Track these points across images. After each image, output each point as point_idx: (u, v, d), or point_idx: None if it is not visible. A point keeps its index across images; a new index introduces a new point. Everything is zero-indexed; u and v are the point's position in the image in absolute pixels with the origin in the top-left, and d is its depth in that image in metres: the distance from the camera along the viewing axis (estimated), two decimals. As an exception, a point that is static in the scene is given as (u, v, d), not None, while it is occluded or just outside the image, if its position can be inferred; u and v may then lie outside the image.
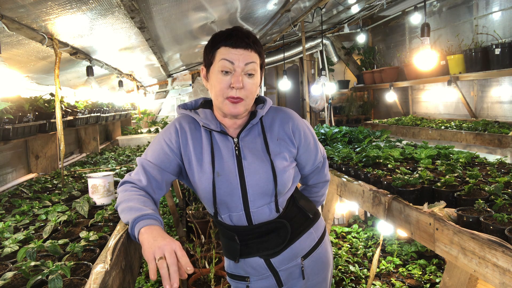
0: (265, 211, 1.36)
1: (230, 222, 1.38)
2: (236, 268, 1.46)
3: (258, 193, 1.33)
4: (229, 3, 3.25)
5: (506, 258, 1.12)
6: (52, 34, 2.26)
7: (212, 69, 1.31)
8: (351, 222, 4.62)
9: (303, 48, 5.71)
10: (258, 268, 1.41)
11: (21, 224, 1.62)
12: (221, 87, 1.28)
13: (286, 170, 1.36)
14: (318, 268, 1.49)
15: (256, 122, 1.39)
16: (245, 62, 1.27)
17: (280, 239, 1.39)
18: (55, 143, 2.98)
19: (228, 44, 1.27)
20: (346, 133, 3.27)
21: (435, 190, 1.67)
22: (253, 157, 1.34)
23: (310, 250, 1.46)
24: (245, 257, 1.41)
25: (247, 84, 1.28)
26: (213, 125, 1.35)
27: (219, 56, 1.28)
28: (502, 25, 4.35)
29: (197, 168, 1.34)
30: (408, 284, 2.96)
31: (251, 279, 1.43)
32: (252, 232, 1.37)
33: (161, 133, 1.40)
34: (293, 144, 1.41)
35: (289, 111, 1.45)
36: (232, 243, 1.41)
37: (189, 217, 3.80)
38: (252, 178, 1.32)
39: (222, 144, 1.36)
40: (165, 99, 7.62)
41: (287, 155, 1.39)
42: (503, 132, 3.57)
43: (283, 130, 1.40)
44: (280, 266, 1.41)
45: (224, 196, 1.33)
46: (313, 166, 1.53)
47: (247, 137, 1.37)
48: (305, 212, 1.48)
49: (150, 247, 1.06)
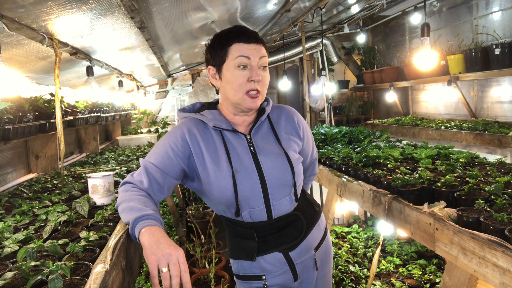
0: (285, 203, 1.40)
1: (249, 219, 1.38)
2: (251, 268, 1.42)
3: (278, 185, 1.37)
4: (229, 3, 3.25)
5: (506, 258, 1.12)
6: (52, 34, 2.27)
7: (226, 66, 1.33)
8: (351, 222, 4.62)
9: (303, 48, 5.71)
10: (276, 263, 1.41)
11: (21, 224, 1.62)
12: (240, 82, 1.32)
13: (298, 162, 1.44)
14: (327, 258, 1.55)
15: (265, 119, 1.45)
16: (259, 56, 1.33)
17: (297, 232, 1.42)
18: (55, 143, 2.98)
19: (242, 40, 1.32)
20: (346, 133, 3.27)
21: (435, 190, 1.67)
22: (268, 151, 1.39)
23: (320, 241, 1.51)
24: (263, 254, 1.40)
25: (263, 77, 1.35)
26: (224, 124, 1.38)
27: (234, 53, 1.31)
28: (502, 25, 4.35)
29: (213, 168, 1.34)
30: (408, 284, 2.96)
31: (267, 277, 1.41)
32: (271, 227, 1.39)
33: (166, 137, 1.39)
34: (300, 137, 1.50)
35: (290, 108, 1.56)
36: (249, 241, 1.39)
37: (189, 217, 3.80)
38: (271, 172, 1.36)
39: (235, 142, 1.38)
40: (165, 99, 7.62)
41: (296, 148, 1.47)
42: (503, 132, 3.57)
43: (290, 125, 1.48)
44: (297, 259, 1.43)
45: (245, 192, 1.34)
46: (311, 159, 1.64)
47: (259, 133, 1.43)
48: (312, 204, 1.54)
49: (153, 253, 1.07)
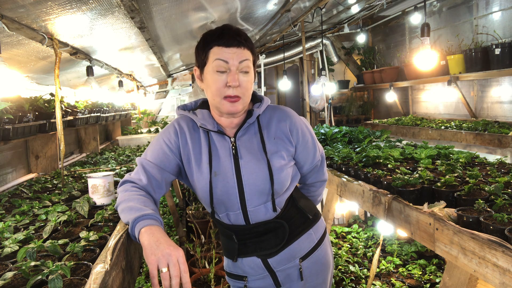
0: (262, 210, 1.36)
1: (228, 221, 1.39)
2: (234, 267, 1.46)
3: (254, 192, 1.33)
4: (229, 3, 3.25)
5: (506, 258, 1.12)
6: (52, 34, 2.26)
7: (206, 69, 1.30)
8: (351, 222, 4.62)
9: (303, 48, 5.71)
10: (255, 267, 1.41)
11: (21, 224, 1.62)
12: (217, 86, 1.27)
13: (283, 169, 1.36)
14: (317, 269, 1.47)
15: (253, 121, 1.38)
16: (239, 60, 1.27)
17: (278, 239, 1.39)
18: (55, 143, 2.98)
19: (221, 43, 1.26)
20: (346, 133, 3.27)
21: (435, 190, 1.67)
22: (249, 156, 1.34)
23: (309, 251, 1.45)
24: (242, 257, 1.42)
25: (242, 82, 1.29)
26: (210, 125, 1.35)
27: (213, 56, 1.27)
28: (502, 25, 4.35)
29: (195, 168, 1.35)
30: (408, 284, 2.96)
31: (248, 279, 1.44)
32: (249, 232, 1.38)
33: (160, 134, 1.41)
34: (291, 142, 1.40)
35: (286, 110, 1.45)
36: (231, 242, 1.42)
37: (189, 217, 3.80)
38: (249, 177, 1.33)
39: (220, 143, 1.36)
40: (165, 99, 7.62)
41: (285, 154, 1.38)
42: (503, 132, 3.57)
43: (280, 129, 1.39)
44: (277, 267, 1.41)
45: (221, 196, 1.33)
46: (311, 164, 1.53)
47: (244, 136, 1.37)
48: (305, 213, 1.47)
49: (153, 253, 1.07)
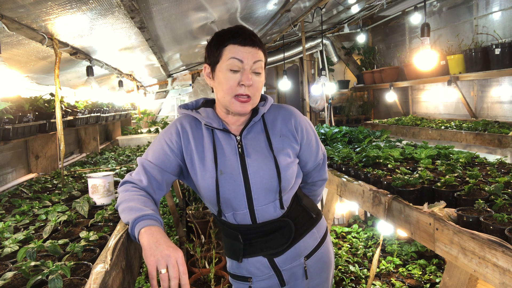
0: (270, 209, 1.35)
1: (234, 221, 1.37)
2: (238, 268, 1.45)
3: (262, 190, 1.33)
4: (229, 3, 3.25)
5: (506, 258, 1.12)
6: (52, 34, 2.26)
7: (219, 67, 1.29)
8: (351, 222, 4.62)
9: (303, 48, 5.71)
10: (261, 267, 1.41)
11: (21, 224, 1.62)
12: (230, 85, 1.27)
13: (289, 167, 1.36)
14: (321, 268, 1.49)
15: (258, 120, 1.39)
16: (253, 60, 1.28)
17: (284, 238, 1.39)
18: (55, 143, 2.98)
19: (237, 42, 1.26)
20: (346, 133, 3.27)
21: (435, 190, 1.67)
22: (256, 155, 1.34)
23: (313, 250, 1.46)
24: (248, 257, 1.41)
25: (255, 82, 1.29)
26: (215, 123, 1.35)
27: (228, 54, 1.27)
28: (502, 25, 4.35)
29: (199, 167, 1.34)
30: (408, 284, 2.96)
31: (253, 280, 1.43)
32: (256, 231, 1.37)
33: (161, 133, 1.39)
34: (296, 140, 1.41)
35: (290, 108, 1.46)
36: (235, 242, 1.40)
37: (189, 217, 3.80)
38: (256, 176, 1.32)
39: (225, 142, 1.35)
40: (165, 99, 7.62)
41: (290, 152, 1.39)
42: (503, 132, 3.57)
43: (286, 127, 1.40)
44: (283, 266, 1.41)
45: (228, 194, 1.32)
46: (314, 163, 1.54)
47: (250, 134, 1.37)
48: (309, 211, 1.48)
49: (152, 254, 1.07)
